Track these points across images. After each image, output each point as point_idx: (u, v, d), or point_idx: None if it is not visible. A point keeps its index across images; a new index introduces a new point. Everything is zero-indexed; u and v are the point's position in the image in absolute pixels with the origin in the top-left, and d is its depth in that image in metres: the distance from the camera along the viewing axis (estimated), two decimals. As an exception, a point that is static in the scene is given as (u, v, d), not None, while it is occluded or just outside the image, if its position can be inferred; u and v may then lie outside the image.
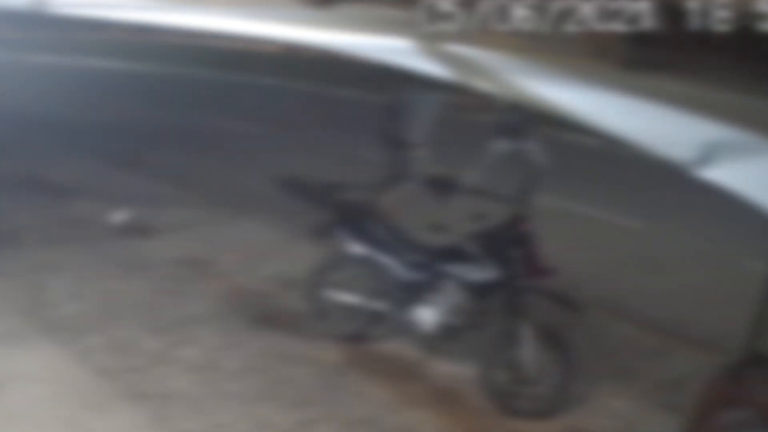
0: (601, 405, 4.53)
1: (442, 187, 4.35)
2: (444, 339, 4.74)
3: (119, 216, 7.01)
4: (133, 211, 7.10)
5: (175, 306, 5.41)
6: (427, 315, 4.72)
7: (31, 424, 3.92)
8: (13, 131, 10.17)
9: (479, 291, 4.60)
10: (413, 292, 4.78)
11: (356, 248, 4.93)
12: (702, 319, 5.75)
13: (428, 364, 4.84)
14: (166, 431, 3.98)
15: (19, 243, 6.37)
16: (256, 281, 6.01)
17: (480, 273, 4.56)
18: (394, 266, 4.85)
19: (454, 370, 4.75)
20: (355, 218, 5.01)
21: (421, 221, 4.89)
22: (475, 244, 4.58)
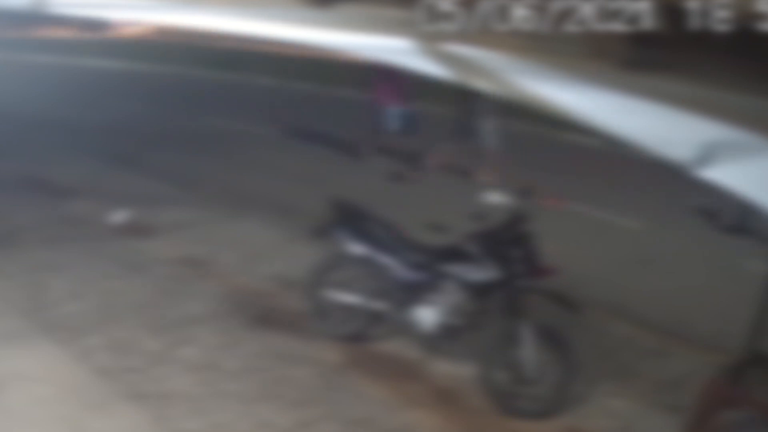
0: (601, 405, 4.53)
1: None
2: (444, 339, 4.74)
3: (119, 216, 7.01)
4: (133, 211, 7.10)
5: (175, 306, 5.41)
6: (427, 315, 4.72)
7: (31, 424, 3.92)
8: (13, 131, 10.18)
9: (479, 291, 4.60)
10: (413, 292, 4.78)
11: (356, 248, 4.93)
12: (702, 319, 5.75)
13: (428, 364, 4.84)
14: (166, 431, 3.98)
15: (19, 243, 6.37)
16: (256, 281, 6.01)
17: (480, 273, 4.56)
18: (394, 266, 4.85)
19: (454, 370, 4.75)
20: (355, 218, 5.01)
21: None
22: (475, 244, 4.58)
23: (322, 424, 4.14)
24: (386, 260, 4.87)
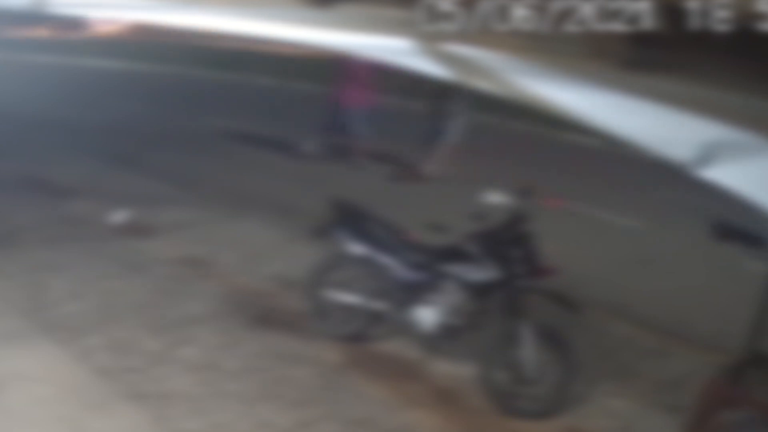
0: (601, 405, 4.53)
1: None
2: (444, 339, 4.74)
3: (119, 216, 7.01)
4: (133, 211, 7.10)
5: (175, 306, 5.41)
6: (427, 315, 4.72)
7: (31, 424, 3.92)
8: (13, 131, 10.18)
9: (479, 291, 4.60)
10: (413, 292, 4.78)
11: (356, 248, 4.93)
12: (702, 319, 5.75)
13: (428, 364, 4.84)
14: (166, 431, 3.99)
15: (19, 243, 6.37)
16: (256, 281, 6.01)
17: (480, 273, 4.56)
18: (394, 266, 4.85)
19: (454, 370, 4.75)
20: (355, 218, 5.01)
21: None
22: (475, 244, 4.58)
23: (322, 424, 4.14)
24: (386, 260, 4.87)
